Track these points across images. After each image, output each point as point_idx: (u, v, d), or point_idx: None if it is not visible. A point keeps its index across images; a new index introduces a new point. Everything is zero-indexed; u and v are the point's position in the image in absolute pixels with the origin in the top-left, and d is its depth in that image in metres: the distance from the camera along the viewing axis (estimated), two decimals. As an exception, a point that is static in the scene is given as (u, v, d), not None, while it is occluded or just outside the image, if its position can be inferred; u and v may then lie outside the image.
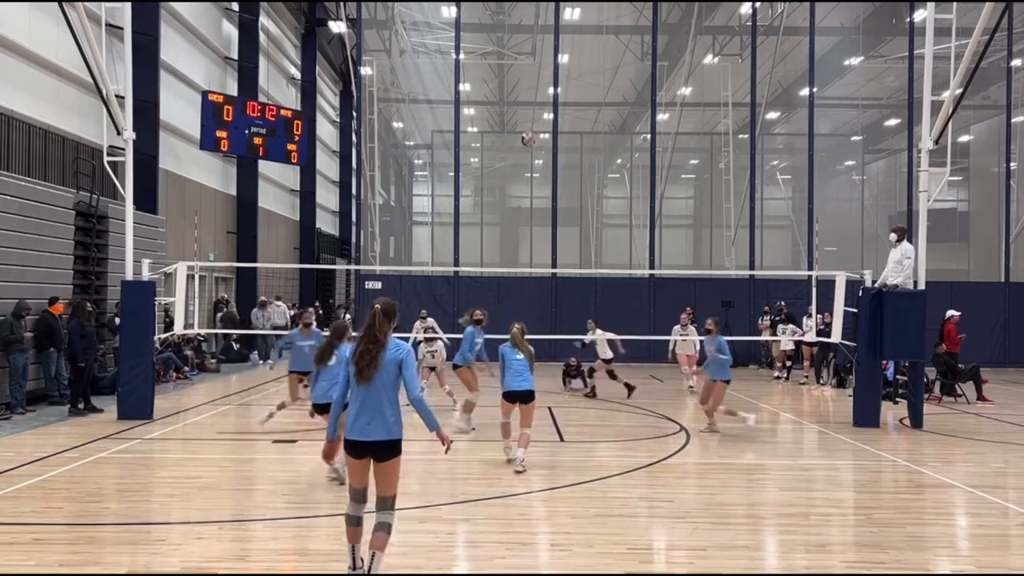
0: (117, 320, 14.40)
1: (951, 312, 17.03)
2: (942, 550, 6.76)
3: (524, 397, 9.52)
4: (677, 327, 17.68)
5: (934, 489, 8.80)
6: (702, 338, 14.75)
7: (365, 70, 28.00)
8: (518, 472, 9.11)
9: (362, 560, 5.62)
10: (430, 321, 16.52)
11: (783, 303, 20.34)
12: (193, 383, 17.67)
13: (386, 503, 5.59)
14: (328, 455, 8.27)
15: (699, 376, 14.57)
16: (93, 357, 13.90)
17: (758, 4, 25.64)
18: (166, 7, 20.46)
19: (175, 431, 11.69)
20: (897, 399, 15.25)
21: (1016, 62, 26.16)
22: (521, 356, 9.63)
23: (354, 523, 5.64)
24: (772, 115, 33.81)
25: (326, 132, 36.01)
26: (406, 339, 11.69)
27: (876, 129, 38.28)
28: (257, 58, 26.34)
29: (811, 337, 17.49)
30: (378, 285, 23.70)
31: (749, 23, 26.06)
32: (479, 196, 40.19)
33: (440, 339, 14.82)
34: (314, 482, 8.86)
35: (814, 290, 16.77)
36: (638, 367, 21.96)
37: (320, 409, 8.99)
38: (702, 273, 29.78)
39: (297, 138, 24.87)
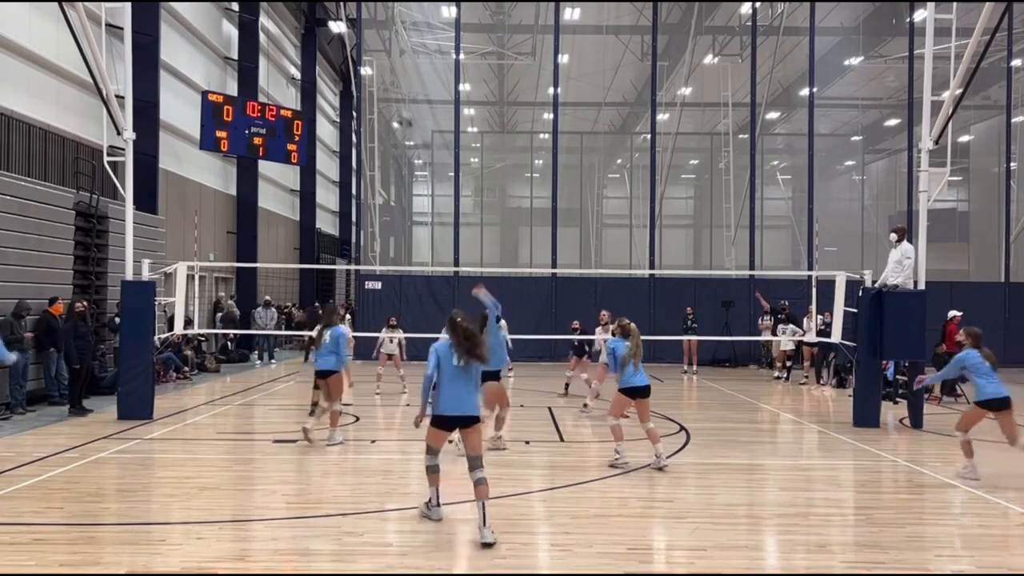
0: (117, 320, 14.40)
1: (953, 312, 17.02)
2: (942, 550, 6.75)
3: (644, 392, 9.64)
4: (599, 328, 15.56)
5: (934, 489, 8.80)
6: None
7: (365, 70, 28.00)
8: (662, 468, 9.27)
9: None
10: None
11: (786, 302, 20.34)
12: (193, 383, 17.67)
13: (477, 462, 6.93)
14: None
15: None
16: (89, 358, 13.91)
17: (758, 4, 25.64)
18: (166, 7, 20.45)
19: (175, 431, 11.69)
20: (897, 399, 15.25)
21: (1016, 62, 26.17)
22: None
23: (435, 471, 7.25)
24: (772, 115, 33.81)
25: (326, 132, 36.01)
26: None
27: (876, 129, 38.29)
28: (257, 58, 26.34)
29: (811, 337, 17.48)
30: (378, 285, 23.71)
31: (749, 23, 26.06)
32: (479, 196, 40.19)
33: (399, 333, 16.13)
34: (314, 482, 8.87)
35: (814, 290, 16.78)
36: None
37: (321, 375, 10.80)
38: (702, 273, 29.79)
39: (297, 138, 24.86)
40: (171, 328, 15.39)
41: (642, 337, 10.05)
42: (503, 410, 10.58)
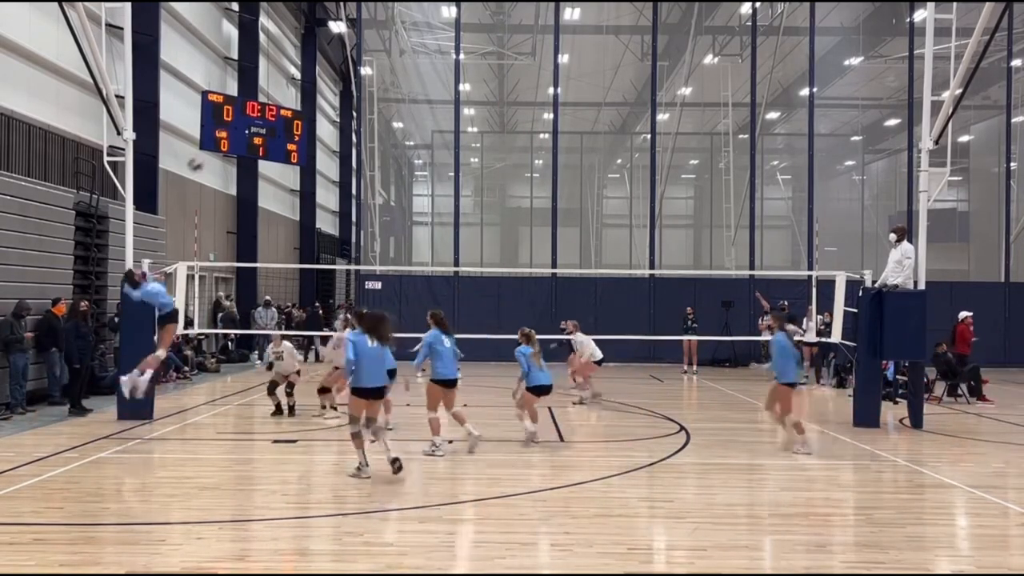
0: (117, 320, 14.40)
1: (964, 313, 16.92)
2: (942, 550, 6.76)
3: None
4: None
5: (934, 489, 8.80)
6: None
7: (365, 70, 28.01)
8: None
9: None
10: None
11: (785, 302, 20.34)
12: (193, 383, 17.67)
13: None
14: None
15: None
16: (89, 357, 13.91)
17: (758, 4, 25.65)
18: (166, 7, 20.45)
19: (175, 431, 11.69)
20: (897, 399, 15.25)
21: (1016, 62, 26.17)
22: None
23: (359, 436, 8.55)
24: (772, 115, 33.83)
25: (326, 132, 36.00)
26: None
27: (876, 129, 38.30)
28: (257, 58, 26.33)
29: (811, 337, 17.48)
30: (378, 285, 23.71)
31: (749, 23, 26.07)
32: (479, 196, 40.21)
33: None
34: (314, 482, 8.87)
35: (814, 290, 16.77)
36: (638, 367, 21.98)
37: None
38: (702, 273, 29.81)
39: (297, 138, 24.85)
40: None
41: (642, 337, 10.23)
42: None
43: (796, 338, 18.43)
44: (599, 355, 15.19)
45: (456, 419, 10.35)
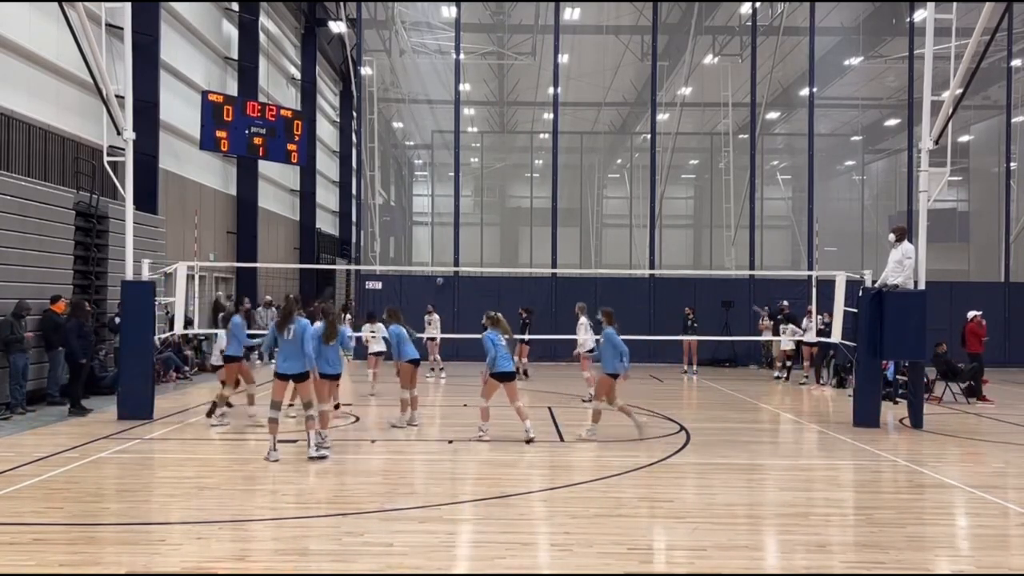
0: (118, 320, 14.39)
1: (973, 312, 16.83)
2: (942, 550, 6.76)
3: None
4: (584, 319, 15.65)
5: (934, 489, 8.80)
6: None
7: (365, 70, 28.00)
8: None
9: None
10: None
11: (786, 302, 20.34)
12: (193, 383, 17.66)
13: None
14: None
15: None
16: (91, 356, 13.91)
17: (758, 4, 25.64)
18: (166, 7, 20.45)
19: (175, 431, 11.69)
20: (897, 399, 15.25)
21: (1016, 62, 26.17)
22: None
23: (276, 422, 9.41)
24: (772, 115, 33.80)
25: (326, 132, 36.01)
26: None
27: (876, 129, 38.28)
28: (257, 58, 26.34)
29: (810, 337, 17.48)
30: (378, 285, 23.71)
31: (749, 23, 26.06)
32: (479, 196, 40.19)
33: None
34: (314, 482, 8.87)
35: (814, 290, 16.77)
36: (638, 367, 21.92)
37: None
38: (702, 273, 29.80)
39: (297, 138, 24.86)
40: (171, 328, 15.38)
41: (642, 337, 10.34)
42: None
43: (796, 338, 18.56)
44: (588, 345, 15.34)
45: (519, 414, 11.00)
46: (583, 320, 15.56)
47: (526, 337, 18.64)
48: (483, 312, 11.73)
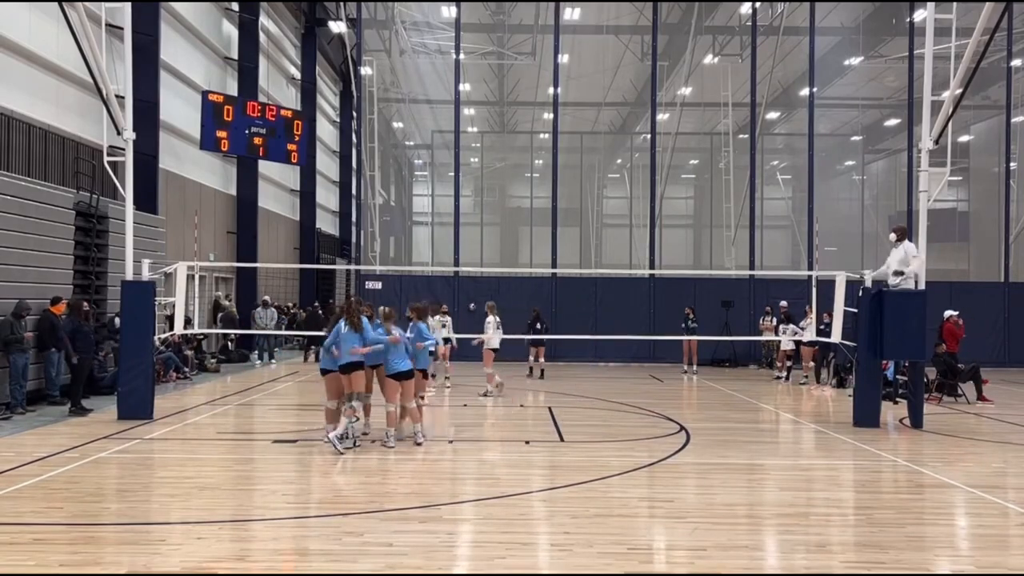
0: (117, 321, 14.39)
1: (949, 312, 17.03)
2: (942, 550, 6.75)
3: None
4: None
5: (934, 489, 8.80)
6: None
7: (365, 70, 28.00)
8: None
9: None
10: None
11: (785, 303, 20.35)
12: (193, 383, 17.67)
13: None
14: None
15: None
16: (90, 357, 13.91)
17: (758, 4, 25.64)
18: (166, 7, 20.45)
19: (175, 431, 11.68)
20: (897, 399, 15.26)
21: (1016, 62, 26.17)
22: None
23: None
24: (772, 115, 33.78)
25: (326, 132, 36.00)
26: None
27: (876, 129, 38.27)
28: (257, 58, 26.33)
29: (808, 337, 17.50)
30: (378, 285, 23.72)
31: (749, 23, 26.06)
32: (479, 196, 40.19)
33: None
34: (314, 482, 8.87)
35: (814, 290, 16.78)
36: (638, 367, 22.01)
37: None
38: (702, 273, 29.78)
39: (297, 138, 24.85)
40: (171, 328, 15.38)
41: (642, 337, 10.23)
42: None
43: (795, 338, 18.57)
44: (495, 344, 15.89)
45: (407, 413, 10.93)
46: (491, 319, 16.17)
47: (537, 337, 18.64)
48: (485, 312, 11.73)
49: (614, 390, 16.21)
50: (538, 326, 18.99)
